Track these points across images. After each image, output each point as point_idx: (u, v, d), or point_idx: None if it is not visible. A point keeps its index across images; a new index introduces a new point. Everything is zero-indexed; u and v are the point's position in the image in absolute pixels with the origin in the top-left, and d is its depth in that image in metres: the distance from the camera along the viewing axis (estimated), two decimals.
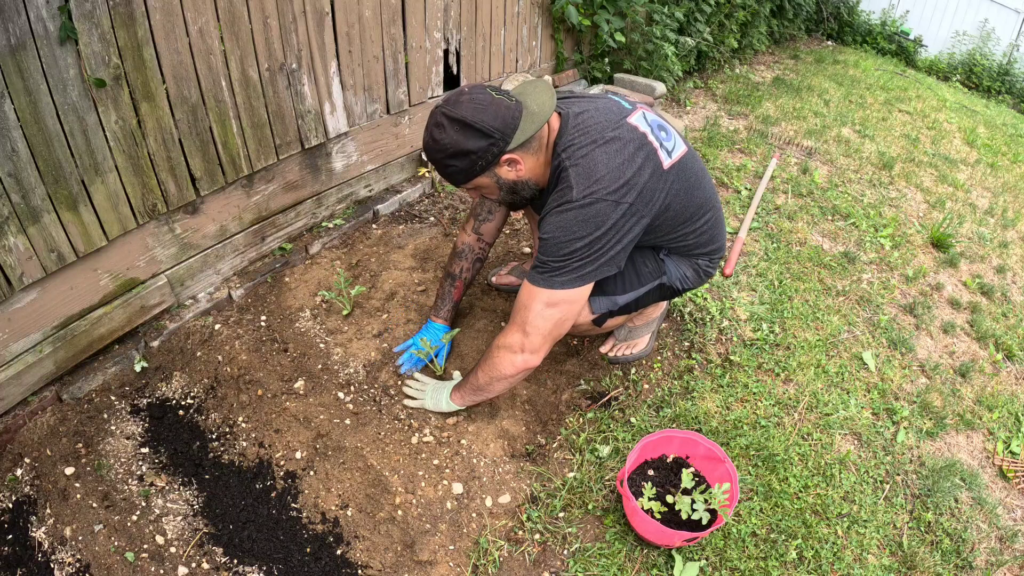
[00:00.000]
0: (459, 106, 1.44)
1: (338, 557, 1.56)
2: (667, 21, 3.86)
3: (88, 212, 1.71)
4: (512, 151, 1.49)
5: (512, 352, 1.62)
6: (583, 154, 1.51)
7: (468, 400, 1.80)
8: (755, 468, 1.87)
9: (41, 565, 1.48)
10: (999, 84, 7.25)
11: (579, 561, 1.59)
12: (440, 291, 2.03)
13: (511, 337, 1.62)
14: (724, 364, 2.20)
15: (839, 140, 4.26)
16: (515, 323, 1.61)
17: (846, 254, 2.96)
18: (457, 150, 1.46)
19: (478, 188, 1.59)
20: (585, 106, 1.61)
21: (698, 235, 1.76)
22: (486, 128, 1.43)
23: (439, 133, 1.46)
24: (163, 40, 1.71)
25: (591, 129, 1.54)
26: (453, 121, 1.44)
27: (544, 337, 1.60)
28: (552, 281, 1.53)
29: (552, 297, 1.55)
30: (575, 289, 1.55)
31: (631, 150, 1.52)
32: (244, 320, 2.14)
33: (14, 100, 1.46)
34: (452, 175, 1.52)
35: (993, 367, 2.56)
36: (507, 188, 1.58)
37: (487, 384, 1.71)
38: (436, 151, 1.49)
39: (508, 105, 1.46)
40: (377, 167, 2.68)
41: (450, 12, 2.67)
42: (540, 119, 1.48)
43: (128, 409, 1.84)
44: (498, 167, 1.52)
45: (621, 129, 1.54)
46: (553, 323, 1.58)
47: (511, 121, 1.45)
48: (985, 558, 1.81)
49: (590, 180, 1.48)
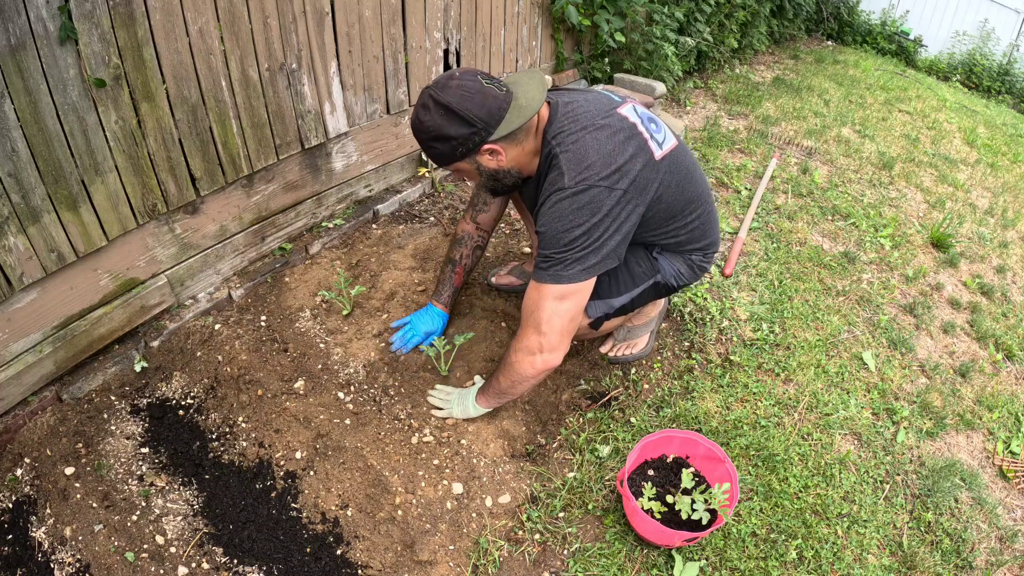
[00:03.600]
0: (447, 90, 1.44)
1: (338, 557, 1.56)
2: (667, 21, 3.86)
3: (88, 212, 1.71)
4: (494, 141, 1.48)
5: (531, 354, 1.60)
6: (573, 140, 1.50)
7: (493, 403, 1.82)
8: (755, 468, 1.87)
9: (41, 565, 1.48)
10: (999, 84, 7.25)
11: (579, 561, 1.59)
12: (440, 276, 2.06)
13: (528, 340, 1.60)
14: (724, 364, 2.20)
15: (839, 140, 4.26)
16: (529, 325, 1.60)
17: (846, 254, 2.96)
18: (438, 134, 1.46)
19: (458, 172, 1.62)
20: (575, 96, 1.62)
21: (690, 230, 1.75)
22: (470, 117, 1.43)
23: (424, 114, 1.47)
24: (163, 40, 1.71)
25: (581, 116, 1.54)
26: (439, 105, 1.44)
27: (561, 333, 1.58)
28: (559, 275, 1.52)
29: (562, 291, 1.54)
30: (584, 282, 1.54)
31: (621, 138, 1.52)
32: (244, 320, 2.14)
33: (14, 100, 1.46)
34: (434, 156, 1.54)
35: (993, 367, 2.56)
36: (488, 175, 1.60)
37: (510, 387, 1.71)
38: (420, 131, 1.50)
39: (496, 95, 1.45)
40: (377, 167, 2.68)
41: (450, 12, 2.67)
42: (527, 113, 1.47)
43: (128, 409, 1.84)
44: (479, 155, 1.52)
45: (611, 118, 1.55)
46: (568, 318, 1.57)
47: (496, 112, 1.45)
48: (985, 558, 1.81)
49: (581, 166, 1.48)
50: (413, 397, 1.92)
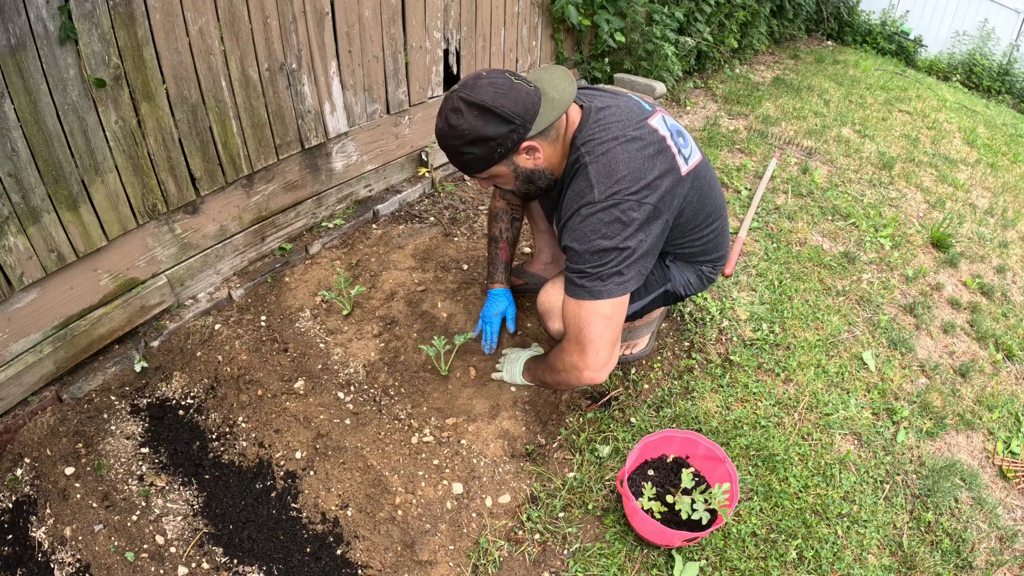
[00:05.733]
0: (478, 90, 1.38)
1: (338, 557, 1.56)
2: (667, 21, 3.86)
3: (88, 212, 1.71)
4: (532, 138, 1.44)
5: (579, 371, 1.57)
6: (604, 150, 1.46)
7: (536, 384, 1.90)
8: (755, 468, 1.87)
9: (41, 565, 1.48)
10: (999, 84, 7.25)
11: (579, 561, 1.59)
12: (489, 257, 2.05)
13: (572, 358, 1.56)
14: (724, 364, 2.20)
15: (839, 140, 4.26)
16: (573, 342, 1.55)
17: (846, 254, 2.96)
18: (476, 136, 1.39)
19: (493, 177, 1.54)
20: (608, 101, 1.57)
21: (705, 242, 1.75)
22: (507, 113, 1.37)
23: (456, 118, 1.40)
24: (163, 40, 1.71)
25: (612, 125, 1.50)
26: (472, 105, 1.38)
27: (609, 350, 1.54)
28: (598, 291, 1.48)
29: (604, 306, 1.49)
30: (623, 296, 1.50)
31: (651, 152, 1.49)
32: (244, 320, 2.14)
33: (14, 100, 1.46)
34: (468, 163, 1.47)
35: (993, 367, 2.55)
36: (524, 177, 1.54)
37: (554, 384, 1.76)
38: (452, 137, 1.42)
39: (528, 90, 1.41)
40: (377, 167, 2.68)
41: (450, 12, 2.67)
42: (561, 105, 1.43)
43: (128, 409, 1.84)
44: (516, 155, 1.47)
45: (642, 129, 1.51)
46: (613, 333, 1.53)
47: (531, 107, 1.40)
48: (985, 558, 1.81)
49: (611, 179, 1.44)
50: (413, 397, 1.92)
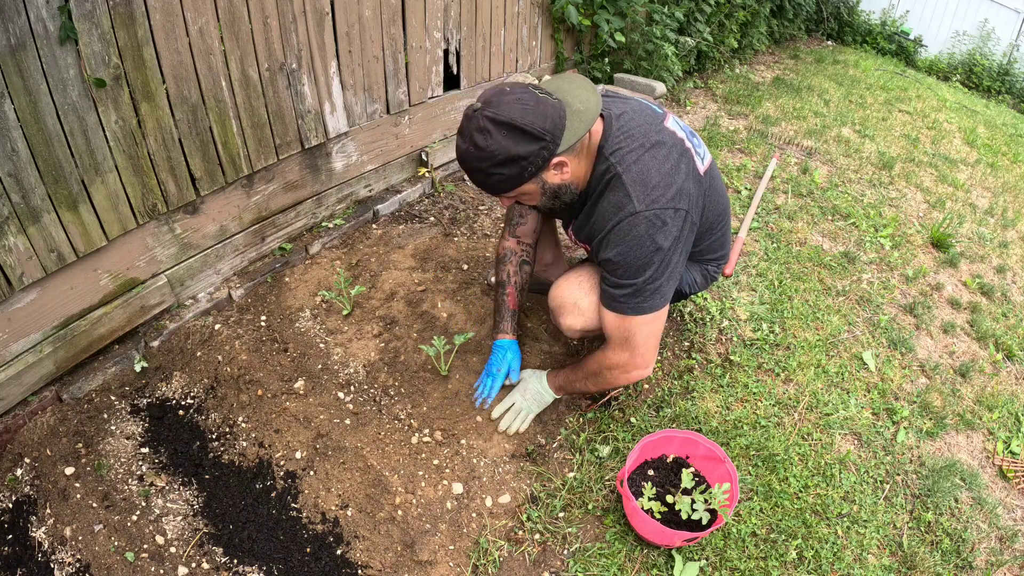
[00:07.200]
0: (504, 107, 1.31)
1: (338, 557, 1.56)
2: (667, 21, 3.86)
3: (88, 212, 1.71)
4: (562, 153, 1.38)
5: (627, 370, 1.62)
6: (634, 159, 1.45)
7: (568, 394, 1.88)
8: (755, 468, 1.87)
9: (41, 565, 1.48)
10: (999, 84, 7.25)
11: (579, 561, 1.59)
12: (495, 305, 1.94)
13: (620, 358, 1.61)
14: (724, 364, 2.20)
15: (839, 140, 4.26)
16: (619, 346, 1.60)
17: (846, 254, 2.96)
18: (507, 156, 1.33)
19: (520, 195, 1.47)
20: (622, 106, 1.55)
21: (711, 240, 1.76)
22: (537, 130, 1.32)
23: (484, 139, 1.32)
24: (163, 40, 1.71)
25: (635, 132, 1.48)
26: (500, 124, 1.31)
27: (655, 347, 1.62)
28: (641, 307, 1.51)
29: (648, 318, 1.54)
30: (665, 307, 1.56)
31: (676, 156, 1.49)
32: (244, 320, 2.14)
33: (14, 100, 1.46)
34: (496, 184, 1.40)
35: (993, 367, 2.55)
36: (551, 193, 1.48)
37: (596, 388, 1.76)
38: (481, 159, 1.35)
39: (553, 104, 1.35)
40: (377, 167, 2.68)
41: (450, 12, 2.67)
42: (588, 117, 1.38)
43: (128, 409, 1.84)
44: (545, 171, 1.40)
45: (663, 133, 1.51)
46: (657, 334, 1.60)
47: (559, 121, 1.35)
48: (985, 558, 1.81)
49: (647, 188, 1.43)
50: (413, 397, 1.92)
